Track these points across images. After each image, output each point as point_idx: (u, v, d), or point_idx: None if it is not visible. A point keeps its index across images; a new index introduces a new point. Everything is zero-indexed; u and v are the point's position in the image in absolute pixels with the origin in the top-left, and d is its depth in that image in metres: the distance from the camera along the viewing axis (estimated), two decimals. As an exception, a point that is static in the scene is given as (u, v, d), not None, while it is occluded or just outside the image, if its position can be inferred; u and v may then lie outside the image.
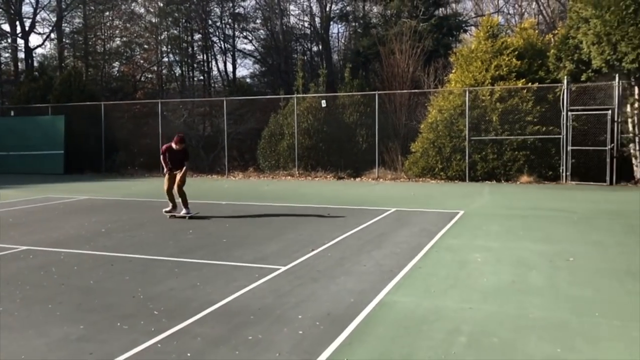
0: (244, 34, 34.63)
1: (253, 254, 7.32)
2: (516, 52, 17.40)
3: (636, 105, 15.96)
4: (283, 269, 6.50)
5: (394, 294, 5.49)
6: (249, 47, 40.68)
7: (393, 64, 23.26)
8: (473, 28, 30.45)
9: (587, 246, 7.52)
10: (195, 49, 33.80)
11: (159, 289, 5.75)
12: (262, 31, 34.81)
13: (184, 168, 10.23)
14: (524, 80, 16.92)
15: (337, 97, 20.99)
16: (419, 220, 9.71)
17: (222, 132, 21.30)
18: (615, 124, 15.60)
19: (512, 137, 16.60)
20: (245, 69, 70.42)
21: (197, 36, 33.40)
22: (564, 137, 16.10)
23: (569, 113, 16.06)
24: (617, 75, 15.37)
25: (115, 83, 32.35)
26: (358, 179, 18.49)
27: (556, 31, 19.10)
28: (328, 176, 18.91)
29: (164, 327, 4.61)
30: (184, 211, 10.24)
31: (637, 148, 16.05)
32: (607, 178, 15.47)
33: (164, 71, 33.58)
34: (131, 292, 5.67)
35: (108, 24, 33.70)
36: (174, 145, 10.12)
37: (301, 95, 20.89)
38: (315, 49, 35.60)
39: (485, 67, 17.46)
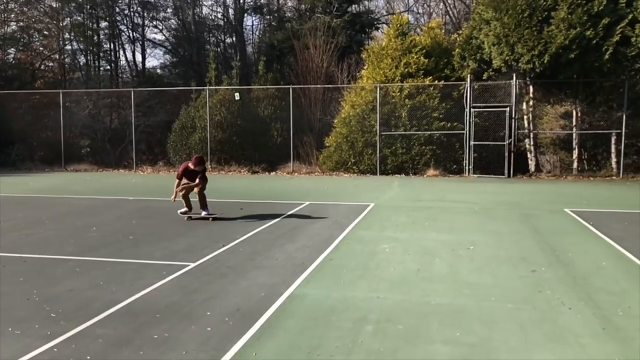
0: (154, 23, 33.33)
1: (161, 250, 7.09)
2: (424, 51, 18.08)
3: (531, 103, 17.15)
4: (192, 265, 6.35)
5: (305, 287, 5.53)
6: (160, 36, 39.29)
7: (307, 58, 23.39)
8: (384, 26, 31.31)
9: (485, 235, 7.99)
10: (102, 37, 32.06)
11: (57, 290, 5.42)
12: (173, 21, 33.68)
13: (200, 180, 9.50)
14: (431, 77, 17.63)
15: (251, 90, 20.80)
16: (332, 213, 9.86)
17: (129, 125, 20.39)
18: (513, 120, 16.67)
19: (419, 132, 17.26)
20: (155, 60, 67.95)
21: (103, 24, 31.69)
22: (467, 132, 16.99)
23: (472, 110, 16.95)
24: (514, 74, 16.42)
25: (11, 71, 29.99)
26: (273, 173, 18.45)
27: (461, 31, 20.05)
28: (242, 170, 18.71)
29: (61, 330, 4.35)
30: (204, 213, 9.56)
31: (532, 143, 17.27)
32: (506, 171, 16.51)
33: (66, 60, 31.56)
34: (25, 294, 5.30)
35: (2, 7, 31.11)
36: (191, 166, 9.49)
37: (214, 87, 20.46)
38: (229, 40, 35.04)
39: (395, 64, 18.00)
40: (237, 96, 19.53)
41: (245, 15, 33.38)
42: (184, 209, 9.61)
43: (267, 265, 6.37)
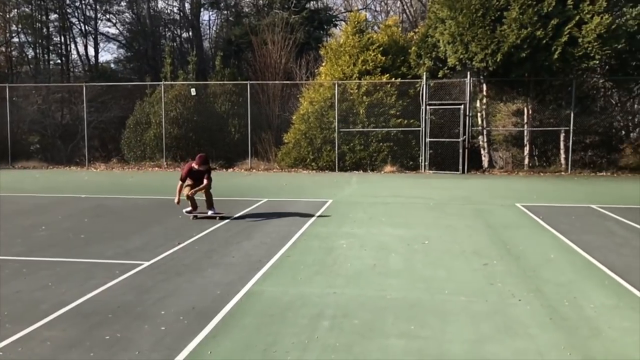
0: (107, 16, 32.39)
1: (114, 249, 6.92)
2: (381, 48, 18.26)
3: (484, 100, 17.58)
4: (146, 264, 6.22)
5: (262, 284, 5.51)
6: (113, 30, 38.26)
7: (266, 54, 23.25)
8: (343, 23, 31.43)
9: (440, 230, 8.15)
10: (52, 29, 30.93)
11: (3, 292, 5.21)
12: (127, 14, 32.83)
13: (207, 182, 9.13)
14: (388, 75, 17.82)
15: (208, 85, 20.53)
16: (290, 210, 9.84)
17: (82, 121, 19.78)
18: (467, 117, 17.05)
19: (377, 129, 17.44)
20: (108, 54, 66.12)
21: (53, 16, 30.57)
22: (423, 129, 17.27)
23: (428, 107, 17.23)
24: (468, 73, 16.78)
25: (-48, 63, 28.58)
26: (230, 170, 18.26)
27: (417, 30, 20.35)
28: (199, 167, 18.42)
29: (6, 334, 4.18)
30: (210, 212, 9.21)
31: (485, 140, 17.71)
32: (460, 167, 16.88)
33: (13, 53, 30.31)
34: (-32, 297, 5.07)
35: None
36: (195, 166, 9.10)
37: (169, 82, 20.08)
38: (185, 35, 34.41)
39: (353, 61, 18.11)
40: (193, 92, 19.23)
41: (202, 9, 32.89)
42: (189, 208, 9.26)
43: (223, 263, 6.30)
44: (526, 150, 17.22)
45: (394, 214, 9.47)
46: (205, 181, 9.07)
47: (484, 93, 17.52)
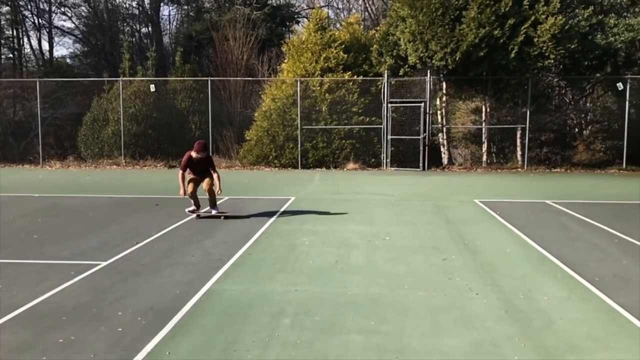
0: (63, 9, 31.43)
1: (69, 249, 6.72)
2: (343, 46, 18.32)
3: (444, 98, 17.88)
4: (103, 264, 6.07)
5: (222, 282, 5.45)
6: (69, 24, 37.05)
7: (227, 50, 22.99)
8: (305, 20, 31.39)
9: (401, 226, 8.25)
10: (3, 22, 29.77)
11: (-51, 296, 4.99)
12: (83, 8, 31.91)
13: (216, 175, 8.77)
14: (350, 72, 17.91)
15: (168, 81, 20.18)
16: (252, 208, 9.78)
17: (35, 117, 19.13)
18: (427, 115, 17.31)
19: (339, 126, 17.51)
20: (64, 49, 64.17)
21: (4, 8, 29.42)
22: (385, 127, 17.44)
23: (389, 105, 17.41)
24: (429, 71, 17.03)
25: None
26: (191, 168, 17.99)
27: (379, 28, 20.49)
28: (158, 165, 18.12)
29: (-47, 339, 4.01)
30: (214, 211, 8.91)
31: (445, 137, 18.03)
32: (421, 164, 17.13)
33: (-39, 46, 29.05)
34: None
35: None
36: (193, 154, 8.65)
37: (128, 78, 19.64)
38: (144, 30, 33.72)
39: (315, 58, 18.11)
40: (152, 88, 18.86)
41: (162, 4, 32.26)
42: (192, 208, 8.93)
43: (183, 262, 6.21)
44: (484, 147, 17.61)
45: (356, 211, 9.53)
46: (214, 175, 8.74)
47: (444, 91, 17.81)
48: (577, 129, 19.97)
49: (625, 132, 16.78)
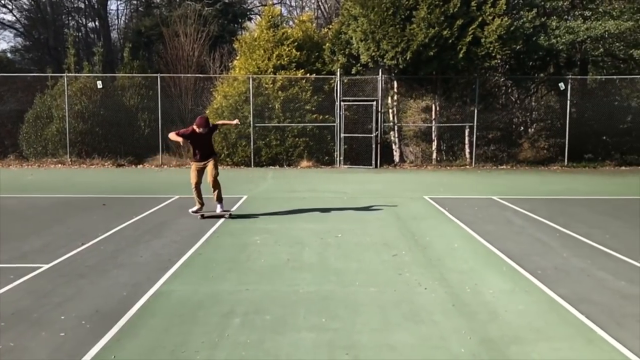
0: (3, 2, 30.02)
1: (8, 252, 6.43)
2: (296, 43, 18.29)
3: (395, 97, 18.14)
4: (46, 267, 5.84)
5: (171, 283, 5.35)
6: (9, 17, 35.42)
7: (178, 46, 22.56)
8: (257, 17, 31.17)
9: (353, 223, 8.31)
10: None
11: None
12: (25, 0, 30.60)
13: (215, 157, 8.47)
14: (303, 70, 17.90)
15: (116, 78, 19.61)
16: (203, 207, 9.61)
17: (-27, 114, 18.21)
18: (379, 114, 17.51)
19: (293, 124, 17.49)
20: (4, 43, 61.25)
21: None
22: (338, 125, 17.54)
23: (342, 103, 17.51)
24: (380, 70, 17.23)
25: None
26: (140, 166, 17.59)
27: (331, 26, 20.58)
28: (106, 163, 17.58)
29: None
30: (219, 208, 8.54)
31: (397, 135, 18.30)
32: (373, 162, 17.33)
33: None
34: None
35: None
36: (197, 129, 8.33)
37: (73, 74, 18.96)
38: (91, 25, 32.67)
39: (268, 55, 18.01)
40: (99, 84, 18.27)
41: (109, -2, 31.34)
42: (196, 207, 8.63)
43: (130, 263, 6.05)
44: (434, 145, 17.98)
45: (309, 209, 9.54)
46: (215, 162, 8.65)
47: (395, 90, 18.06)
48: (522, 127, 20.70)
49: (567, 130, 17.49)
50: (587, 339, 4.04)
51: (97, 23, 31.65)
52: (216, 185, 8.63)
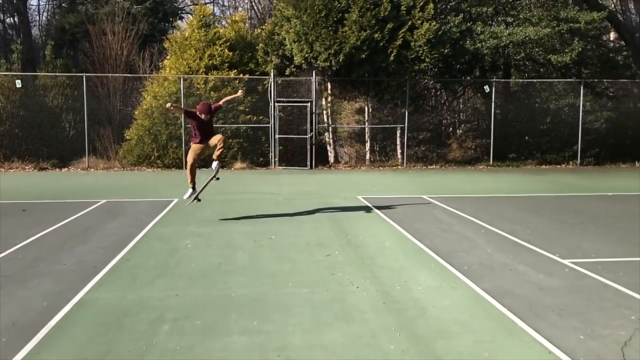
0: None
1: None
2: (228, 44, 18.07)
3: (329, 99, 18.31)
4: (-44, 278, 5.44)
5: (96, 291, 5.13)
6: None
7: (105, 45, 21.68)
8: (189, 16, 30.53)
9: (287, 224, 8.31)
10: None
11: None
12: None
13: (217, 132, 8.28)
14: (235, 71, 17.71)
15: (38, 77, 18.62)
16: (131, 211, 9.32)
17: None
18: (314, 115, 17.61)
19: (226, 125, 17.25)
20: None
21: None
22: (272, 126, 17.48)
23: (276, 104, 17.47)
24: (314, 71, 17.33)
25: None
26: (65, 170, 16.78)
27: (264, 26, 20.48)
28: (27, 167, 16.64)
29: None
30: (215, 164, 8.44)
31: (331, 136, 18.47)
32: (308, 163, 17.40)
33: None
34: None
35: None
36: (200, 115, 8.18)
37: (-11, 73, 17.83)
38: (9, 21, 30.81)
39: (199, 55, 17.69)
40: (18, 84, 17.28)
41: (29, -8, 29.67)
42: (189, 193, 8.53)
43: (52, 271, 5.75)
44: (367, 146, 18.29)
45: (243, 211, 9.45)
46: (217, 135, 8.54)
47: (329, 92, 18.23)
48: (451, 129, 21.47)
49: (492, 131, 18.28)
50: (508, 331, 4.23)
51: (16, 19, 29.87)
52: (222, 142, 8.55)
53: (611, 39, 23.76)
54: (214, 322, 4.39)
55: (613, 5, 22.48)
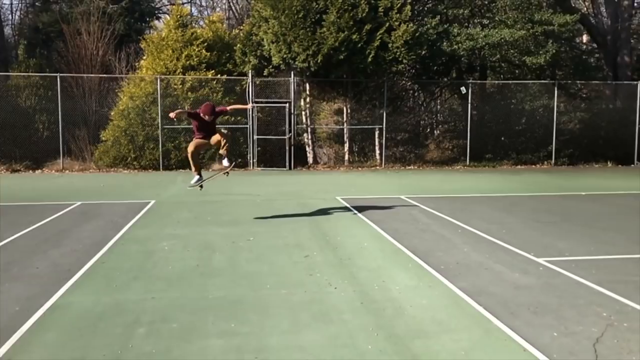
0: None
1: None
2: (206, 44, 17.93)
3: (308, 100, 18.30)
4: None
5: (70, 295, 5.05)
6: None
7: (80, 45, 21.33)
8: (166, 16, 30.23)
9: (266, 225, 8.28)
10: None
11: None
12: None
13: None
14: (213, 71, 17.59)
15: (10, 77, 18.24)
16: (107, 213, 9.19)
17: None
18: (292, 115, 17.59)
19: (204, 126, 17.09)
20: None
21: None
22: (251, 127, 17.40)
23: (255, 105, 17.38)
24: (292, 72, 17.30)
25: None
26: (39, 172, 16.46)
27: (242, 27, 20.38)
28: None
29: None
30: (226, 161, 8.42)
31: (310, 137, 18.47)
32: (287, 164, 17.37)
33: None
34: None
35: None
36: (203, 116, 8.04)
37: (-41, 72, 17.42)
38: (-20, 19, 30.07)
39: (177, 55, 17.52)
40: (-10, 84, 16.90)
41: (1, -9, 29.05)
42: (195, 179, 8.46)
43: (24, 275, 5.64)
44: (346, 146, 18.33)
45: (221, 212, 9.39)
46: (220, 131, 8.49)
47: (307, 92, 18.22)
48: (428, 129, 21.64)
49: (469, 131, 18.48)
50: (484, 329, 4.28)
51: (-13, 17, 29.22)
52: (226, 138, 8.49)
53: (584, 41, 24.27)
54: (191, 325, 4.35)
55: (585, 9, 22.97)
